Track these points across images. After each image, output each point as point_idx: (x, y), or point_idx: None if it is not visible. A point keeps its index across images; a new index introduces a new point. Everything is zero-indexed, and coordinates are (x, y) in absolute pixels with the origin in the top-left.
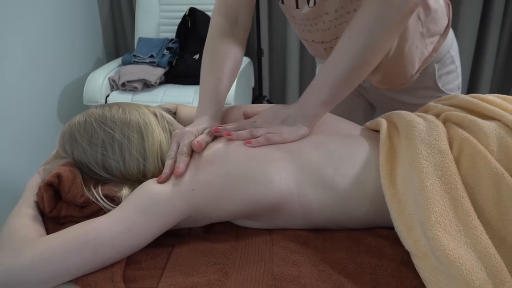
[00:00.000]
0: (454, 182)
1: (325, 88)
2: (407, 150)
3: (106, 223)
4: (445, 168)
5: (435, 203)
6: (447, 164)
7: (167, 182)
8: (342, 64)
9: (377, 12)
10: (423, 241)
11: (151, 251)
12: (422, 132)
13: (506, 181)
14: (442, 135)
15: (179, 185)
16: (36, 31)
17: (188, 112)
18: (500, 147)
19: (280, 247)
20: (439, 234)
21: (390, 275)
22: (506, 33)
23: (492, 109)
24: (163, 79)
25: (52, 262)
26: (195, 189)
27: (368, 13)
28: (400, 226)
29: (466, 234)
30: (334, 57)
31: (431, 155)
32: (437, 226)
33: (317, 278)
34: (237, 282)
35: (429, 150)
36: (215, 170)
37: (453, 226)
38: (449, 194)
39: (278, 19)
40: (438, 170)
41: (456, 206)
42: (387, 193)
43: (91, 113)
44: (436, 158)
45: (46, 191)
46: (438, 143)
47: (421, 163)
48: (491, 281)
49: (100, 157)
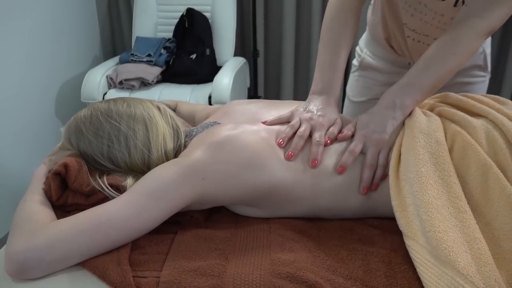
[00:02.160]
0: (447, 169)
1: (421, 90)
2: (408, 138)
3: (117, 207)
4: (440, 157)
5: (428, 187)
6: (442, 153)
7: (179, 168)
8: (437, 71)
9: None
10: (415, 222)
11: (155, 237)
12: (422, 123)
13: (494, 171)
14: (439, 127)
15: (191, 174)
16: (35, 29)
17: (188, 108)
18: (488, 141)
19: (277, 235)
20: (432, 215)
21: (380, 261)
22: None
23: (479, 106)
24: (160, 78)
25: (66, 242)
26: (206, 178)
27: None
28: (396, 206)
29: (456, 216)
30: (429, 63)
31: (428, 144)
32: (430, 207)
33: (312, 263)
34: (237, 266)
35: (427, 139)
36: (226, 156)
37: (445, 208)
38: (442, 180)
39: (274, 21)
40: (433, 158)
41: (449, 191)
42: (391, 174)
43: (96, 107)
44: (433, 147)
45: (54, 180)
46: (436, 134)
47: (418, 151)
48: (475, 263)
49: (105, 149)
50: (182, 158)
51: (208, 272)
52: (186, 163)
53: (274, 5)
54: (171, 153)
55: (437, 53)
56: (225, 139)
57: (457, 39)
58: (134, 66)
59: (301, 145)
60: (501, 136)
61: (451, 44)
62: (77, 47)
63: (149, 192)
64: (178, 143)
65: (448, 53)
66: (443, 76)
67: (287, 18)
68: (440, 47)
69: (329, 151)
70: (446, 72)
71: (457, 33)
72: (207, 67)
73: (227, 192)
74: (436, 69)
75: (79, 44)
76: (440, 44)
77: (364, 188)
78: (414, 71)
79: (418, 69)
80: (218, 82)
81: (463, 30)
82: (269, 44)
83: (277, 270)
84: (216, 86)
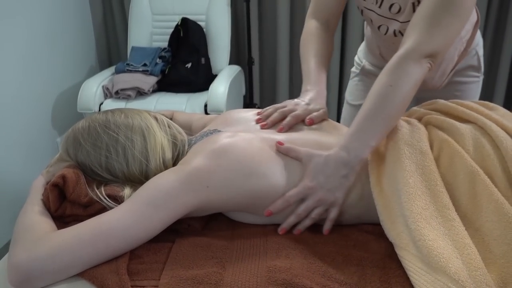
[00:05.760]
0: (434, 179)
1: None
2: (392, 150)
3: (118, 216)
4: (425, 167)
5: (416, 198)
6: (427, 163)
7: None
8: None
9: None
10: (405, 233)
11: (153, 246)
12: (405, 134)
13: (481, 177)
14: (423, 137)
15: (193, 181)
16: (31, 40)
17: (184, 118)
18: (475, 147)
19: (273, 242)
20: (421, 225)
21: (375, 266)
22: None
23: (468, 112)
24: (156, 87)
25: (68, 252)
26: (211, 186)
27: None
28: (385, 219)
29: (445, 225)
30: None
31: (413, 155)
32: (418, 217)
33: (307, 269)
34: (234, 274)
35: (411, 151)
36: (230, 164)
37: (433, 218)
38: (429, 190)
39: (268, 28)
40: (419, 168)
41: (436, 201)
42: (374, 190)
43: (94, 118)
44: (418, 158)
45: (52, 192)
46: (419, 144)
47: (404, 162)
48: (466, 268)
49: (103, 160)
50: (181, 166)
51: (206, 280)
52: (186, 170)
53: (268, 12)
54: (169, 162)
55: (377, 90)
56: (227, 146)
57: (392, 69)
58: (130, 76)
59: (276, 117)
60: (488, 142)
61: (387, 76)
62: (73, 58)
63: (149, 201)
64: (177, 152)
65: (386, 86)
66: (390, 112)
67: (281, 25)
68: (378, 83)
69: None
70: (392, 107)
71: (391, 63)
72: (202, 76)
73: (230, 199)
74: (380, 108)
75: (75, 55)
76: (378, 80)
77: (282, 229)
78: (360, 116)
79: (363, 112)
80: (214, 91)
81: (396, 60)
82: (264, 52)
83: (274, 277)
84: (211, 94)
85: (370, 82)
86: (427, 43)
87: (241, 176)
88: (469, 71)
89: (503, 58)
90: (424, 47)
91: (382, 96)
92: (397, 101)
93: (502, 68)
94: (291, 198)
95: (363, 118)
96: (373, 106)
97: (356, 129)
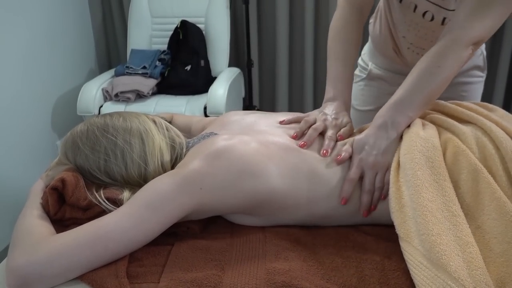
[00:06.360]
0: (442, 174)
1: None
2: (406, 142)
3: (116, 220)
4: (436, 161)
5: (423, 190)
6: (438, 157)
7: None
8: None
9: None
10: (410, 224)
11: (152, 249)
12: (419, 130)
13: (484, 175)
14: (435, 133)
15: (188, 184)
16: (30, 43)
17: (183, 120)
18: (478, 147)
19: (272, 244)
20: (427, 218)
21: (374, 268)
22: None
23: (468, 113)
24: (156, 89)
25: (67, 256)
26: (204, 188)
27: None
28: (393, 205)
29: (450, 220)
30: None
31: (425, 148)
32: (424, 210)
33: (306, 271)
34: (233, 276)
35: (424, 144)
36: (223, 166)
37: (439, 211)
38: (437, 183)
39: (267, 30)
40: (429, 161)
41: (443, 195)
42: (392, 181)
43: (92, 122)
44: (430, 151)
45: (51, 195)
46: (432, 139)
47: (415, 154)
48: (466, 266)
49: (102, 163)
50: (179, 169)
51: (205, 283)
52: (183, 173)
53: (267, 15)
54: (168, 165)
55: (424, 68)
56: (222, 149)
57: (441, 51)
58: (130, 79)
59: (314, 136)
60: (490, 142)
61: (436, 58)
62: (73, 61)
63: (147, 204)
64: (175, 155)
65: (433, 67)
66: (433, 90)
67: (280, 27)
68: (426, 62)
69: (325, 159)
70: (436, 85)
71: (440, 46)
72: (202, 78)
73: (225, 201)
74: (424, 84)
75: (75, 58)
76: (425, 59)
77: (364, 212)
78: (403, 88)
79: (406, 85)
80: (213, 93)
81: (446, 43)
82: (263, 54)
83: (273, 280)
84: (211, 96)
85: (377, 86)
86: (477, 30)
87: (237, 178)
88: (474, 71)
89: (502, 58)
90: (473, 34)
91: (428, 74)
92: (441, 82)
93: (501, 67)
94: (353, 175)
95: (404, 92)
96: (418, 82)
97: (395, 101)
